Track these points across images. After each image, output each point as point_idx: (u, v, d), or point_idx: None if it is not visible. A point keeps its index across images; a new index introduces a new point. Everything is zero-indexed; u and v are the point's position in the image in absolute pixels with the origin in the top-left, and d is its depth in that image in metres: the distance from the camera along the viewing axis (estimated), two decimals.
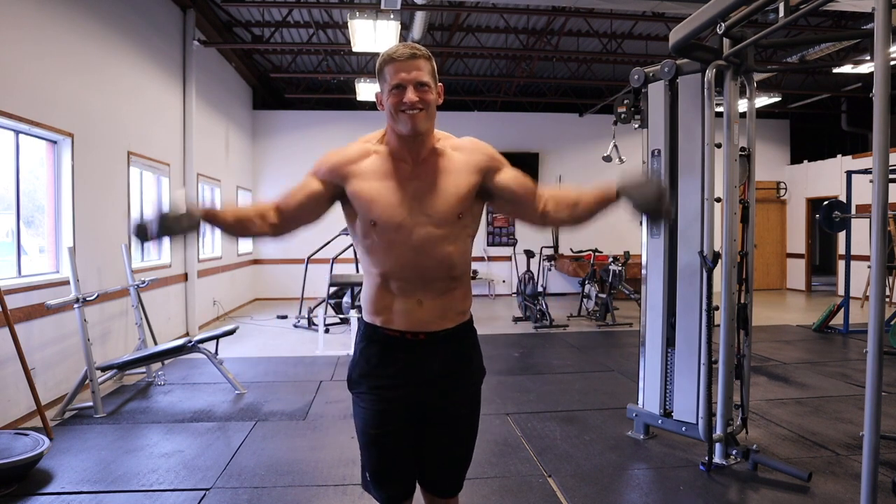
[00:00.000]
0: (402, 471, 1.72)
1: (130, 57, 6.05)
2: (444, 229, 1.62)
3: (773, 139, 12.41)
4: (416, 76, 1.56)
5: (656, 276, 3.68)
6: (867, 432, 2.04)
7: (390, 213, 1.60)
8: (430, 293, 1.64)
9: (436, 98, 1.62)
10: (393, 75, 1.57)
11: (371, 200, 1.61)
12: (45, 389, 4.33)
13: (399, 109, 1.57)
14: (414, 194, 1.62)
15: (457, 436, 1.76)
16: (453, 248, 1.65)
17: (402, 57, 1.57)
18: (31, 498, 2.99)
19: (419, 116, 1.57)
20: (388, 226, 1.61)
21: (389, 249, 1.62)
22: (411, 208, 1.61)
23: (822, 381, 5.15)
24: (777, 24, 2.74)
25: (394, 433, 1.68)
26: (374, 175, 1.63)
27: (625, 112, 3.82)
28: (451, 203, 1.63)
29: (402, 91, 1.57)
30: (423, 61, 1.58)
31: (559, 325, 7.97)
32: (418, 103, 1.56)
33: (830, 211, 7.24)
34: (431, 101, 1.60)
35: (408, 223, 1.60)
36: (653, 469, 3.36)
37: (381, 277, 1.65)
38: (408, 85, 1.56)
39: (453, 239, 1.64)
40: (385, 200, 1.60)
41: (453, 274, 1.66)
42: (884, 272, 2.04)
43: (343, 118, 11.44)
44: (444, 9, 7.78)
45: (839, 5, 5.89)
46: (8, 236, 4.46)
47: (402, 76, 1.56)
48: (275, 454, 3.56)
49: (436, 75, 1.62)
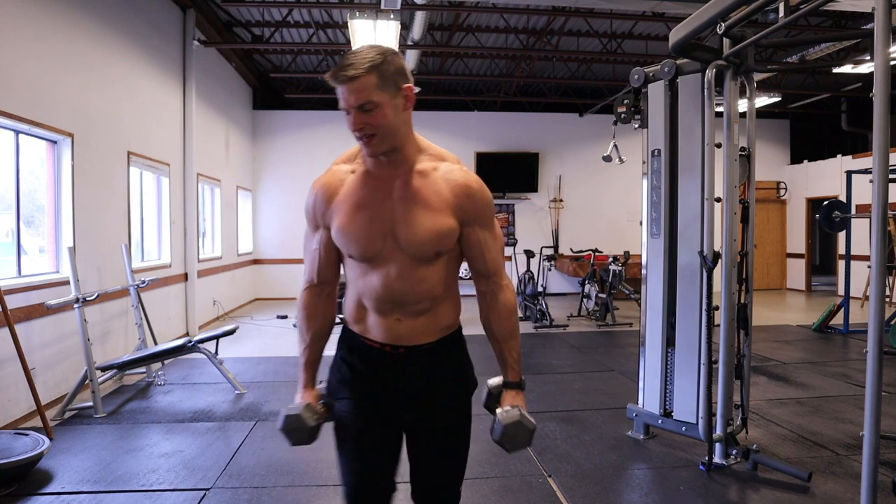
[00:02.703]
0: (378, 484, 1.63)
1: (130, 57, 6.05)
2: (421, 263, 1.53)
3: (773, 139, 12.41)
4: (356, 99, 1.40)
5: (656, 276, 3.68)
6: (867, 432, 2.04)
7: (364, 247, 1.52)
8: (409, 313, 1.56)
9: (392, 111, 1.44)
10: (340, 97, 1.43)
11: (346, 235, 1.53)
12: (45, 389, 4.33)
13: (352, 131, 1.46)
14: (390, 223, 1.51)
15: (444, 452, 1.68)
16: (433, 275, 1.55)
17: (341, 79, 1.40)
18: (31, 498, 2.99)
19: (372, 142, 1.45)
20: (363, 256, 1.54)
21: (365, 276, 1.55)
22: (385, 240, 1.51)
23: (822, 381, 5.15)
24: (777, 24, 2.74)
25: (372, 446, 1.60)
26: (349, 206, 1.53)
27: (625, 112, 3.83)
28: (426, 239, 1.50)
29: (349, 115, 1.44)
30: (364, 78, 1.39)
31: (559, 325, 7.97)
32: (366, 128, 1.43)
33: (830, 211, 7.24)
34: (383, 122, 1.43)
35: (383, 255, 1.52)
36: (653, 469, 3.36)
37: (358, 295, 1.59)
38: (351, 110, 1.43)
39: (433, 268, 1.55)
40: (359, 234, 1.51)
41: (433, 295, 1.57)
42: (884, 272, 2.04)
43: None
44: (444, 9, 7.78)
45: (839, 5, 5.89)
46: (8, 236, 4.46)
47: (345, 99, 1.42)
48: (275, 454, 3.55)
49: (392, 80, 1.43)
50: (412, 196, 1.51)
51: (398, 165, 1.53)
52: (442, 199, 1.52)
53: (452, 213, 1.53)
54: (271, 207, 11.33)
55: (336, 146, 11.34)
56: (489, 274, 1.61)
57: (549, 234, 11.76)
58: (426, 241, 1.50)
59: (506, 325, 1.62)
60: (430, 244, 1.51)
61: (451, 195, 1.53)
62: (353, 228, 1.51)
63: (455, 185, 1.54)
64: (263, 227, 11.36)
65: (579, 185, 11.87)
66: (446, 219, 1.52)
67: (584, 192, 11.86)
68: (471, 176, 1.58)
